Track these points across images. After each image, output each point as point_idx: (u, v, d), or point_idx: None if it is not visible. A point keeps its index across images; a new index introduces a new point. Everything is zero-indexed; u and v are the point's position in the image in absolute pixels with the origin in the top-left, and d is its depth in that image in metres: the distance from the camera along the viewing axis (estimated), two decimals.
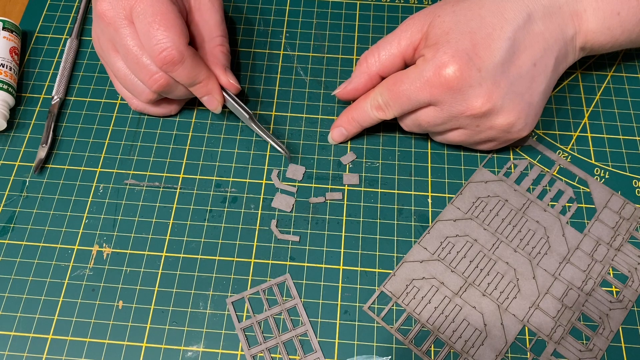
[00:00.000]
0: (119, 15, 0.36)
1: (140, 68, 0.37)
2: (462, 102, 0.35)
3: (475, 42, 0.34)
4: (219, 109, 0.40)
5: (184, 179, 0.41)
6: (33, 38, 0.47)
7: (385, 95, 0.37)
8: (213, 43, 0.40)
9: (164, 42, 0.35)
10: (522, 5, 0.35)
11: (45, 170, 0.41)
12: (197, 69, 0.37)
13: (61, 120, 0.43)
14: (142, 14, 0.35)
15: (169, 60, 0.35)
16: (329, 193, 0.40)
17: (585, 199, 0.40)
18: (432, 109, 0.36)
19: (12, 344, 0.35)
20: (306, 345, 0.36)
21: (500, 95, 0.34)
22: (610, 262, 0.38)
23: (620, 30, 0.37)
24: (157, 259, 0.38)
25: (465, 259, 0.38)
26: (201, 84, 0.38)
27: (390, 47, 0.38)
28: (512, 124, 0.36)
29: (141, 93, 0.39)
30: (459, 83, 0.34)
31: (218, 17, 0.41)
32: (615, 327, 0.36)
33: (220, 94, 0.40)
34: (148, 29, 0.35)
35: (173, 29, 0.35)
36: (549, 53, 0.36)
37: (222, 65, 0.40)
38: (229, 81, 0.40)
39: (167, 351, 0.35)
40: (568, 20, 0.36)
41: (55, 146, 0.42)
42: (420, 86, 0.35)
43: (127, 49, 0.36)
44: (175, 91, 0.39)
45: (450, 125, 0.37)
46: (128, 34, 0.36)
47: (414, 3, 0.49)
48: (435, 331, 0.36)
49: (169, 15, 0.35)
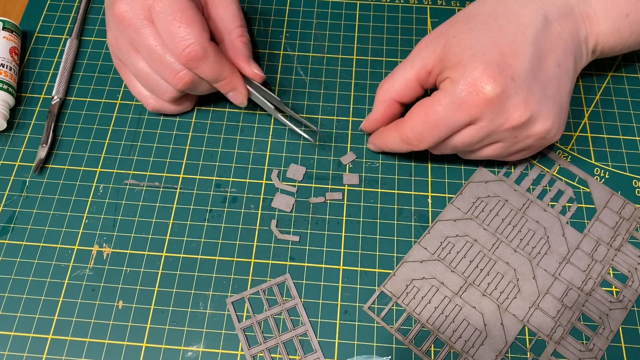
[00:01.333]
0: (138, 16, 0.36)
1: (164, 67, 0.37)
2: (501, 115, 0.33)
3: (502, 51, 0.33)
4: (244, 102, 0.40)
5: (184, 179, 0.41)
6: (33, 38, 0.47)
7: (417, 127, 0.35)
8: (233, 35, 0.40)
9: (187, 39, 0.35)
10: (537, 8, 0.35)
11: (45, 170, 0.41)
12: (220, 64, 0.37)
13: (61, 120, 0.43)
14: (162, 12, 0.35)
15: (193, 57, 0.36)
16: (329, 193, 0.40)
17: (585, 199, 0.40)
18: (470, 129, 0.34)
19: (12, 344, 0.35)
20: (306, 345, 0.36)
21: (535, 101, 0.33)
22: (610, 262, 0.38)
23: (629, 32, 0.37)
24: (157, 259, 0.38)
25: (465, 259, 0.38)
26: (225, 80, 0.38)
27: (405, 72, 0.37)
28: (548, 130, 0.35)
29: (164, 92, 0.39)
30: (498, 96, 0.32)
31: (234, 7, 0.41)
32: (615, 327, 0.36)
33: (244, 87, 0.39)
34: (169, 27, 0.35)
35: (194, 25, 0.35)
36: (569, 53, 0.35)
37: (244, 56, 0.40)
38: (254, 71, 0.40)
39: (167, 351, 0.35)
40: (580, 22, 0.36)
41: (55, 146, 0.42)
42: (456, 109, 0.33)
43: (150, 48, 0.36)
44: (199, 88, 0.39)
45: (488, 141, 0.36)
46: (149, 34, 0.36)
47: (414, 3, 0.49)
48: (435, 331, 0.36)
49: (189, 12, 0.36)
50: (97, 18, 0.48)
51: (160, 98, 0.40)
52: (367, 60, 0.46)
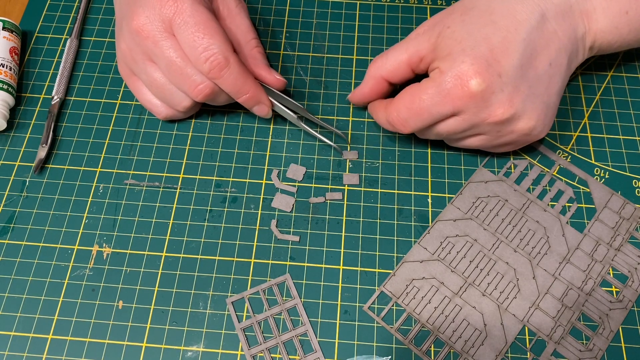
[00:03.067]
0: (157, 29, 0.36)
1: (184, 79, 0.37)
2: (484, 110, 0.34)
3: (492, 47, 0.33)
4: (269, 114, 0.40)
5: (184, 179, 0.41)
6: (33, 38, 0.47)
7: (403, 113, 0.36)
8: (249, 46, 0.41)
9: (211, 49, 0.35)
10: (534, 5, 0.35)
11: (45, 170, 0.41)
12: (243, 76, 0.37)
13: (61, 120, 0.43)
14: (184, 24, 0.36)
15: (216, 65, 0.36)
16: (329, 193, 0.40)
17: (585, 199, 0.40)
18: (454, 119, 0.35)
19: (12, 344, 0.36)
20: (306, 345, 0.36)
21: (521, 99, 0.34)
22: (610, 262, 0.38)
23: (628, 29, 0.37)
24: (157, 259, 0.38)
25: (465, 259, 0.38)
26: (249, 94, 0.38)
27: (398, 54, 0.37)
28: (532, 127, 0.35)
29: (179, 102, 0.39)
30: (482, 91, 0.33)
31: (248, 21, 0.42)
32: (615, 327, 0.36)
33: (268, 99, 0.40)
34: (193, 38, 0.35)
35: (217, 36, 0.36)
36: (562, 52, 0.35)
37: (264, 64, 0.41)
38: (276, 77, 0.40)
39: (167, 351, 0.35)
40: (578, 19, 0.36)
41: (55, 146, 0.42)
42: (441, 99, 0.34)
43: (170, 60, 0.36)
44: (218, 99, 0.39)
45: (471, 132, 0.37)
46: (170, 46, 0.36)
47: (413, 3, 0.49)
48: (435, 331, 0.36)
49: (211, 24, 0.36)
50: (97, 18, 0.48)
51: (173, 108, 0.40)
52: (367, 60, 0.46)
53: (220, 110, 0.44)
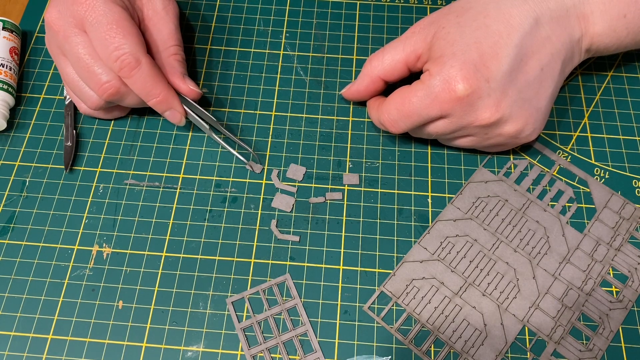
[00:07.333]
0: (68, 25, 0.36)
1: (91, 76, 0.37)
2: (471, 114, 0.34)
3: (482, 52, 0.34)
4: (183, 122, 0.40)
5: (184, 179, 0.41)
6: (33, 38, 0.47)
7: (393, 114, 0.37)
8: (167, 52, 0.40)
9: (122, 48, 0.35)
10: (529, 10, 0.35)
11: (45, 170, 0.41)
12: (154, 79, 0.37)
13: (61, 121, 0.43)
14: (97, 23, 0.35)
15: (127, 65, 0.36)
16: (329, 193, 0.40)
17: (585, 199, 0.40)
18: (442, 121, 0.36)
19: (12, 344, 0.36)
20: (306, 345, 0.36)
21: (508, 104, 0.34)
22: (610, 262, 0.38)
23: (625, 32, 0.37)
24: (157, 259, 0.38)
25: (465, 259, 0.38)
26: (159, 98, 0.38)
27: (395, 52, 0.38)
28: (520, 131, 0.36)
29: (88, 99, 0.39)
30: (468, 96, 0.34)
31: (172, 26, 0.41)
32: (615, 327, 0.36)
33: (181, 106, 0.39)
34: (105, 36, 0.35)
35: (130, 36, 0.36)
36: (556, 57, 0.35)
37: (179, 73, 0.40)
38: (189, 87, 0.40)
39: (167, 351, 0.35)
40: (575, 23, 0.36)
41: (55, 146, 0.42)
42: (429, 103, 0.35)
43: (78, 57, 0.36)
44: (126, 100, 0.39)
45: (460, 134, 0.37)
46: (79, 42, 0.36)
47: (414, 3, 0.49)
48: (435, 331, 0.36)
49: (124, 23, 0.36)
50: None
51: (86, 105, 0.40)
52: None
53: (220, 110, 0.44)
